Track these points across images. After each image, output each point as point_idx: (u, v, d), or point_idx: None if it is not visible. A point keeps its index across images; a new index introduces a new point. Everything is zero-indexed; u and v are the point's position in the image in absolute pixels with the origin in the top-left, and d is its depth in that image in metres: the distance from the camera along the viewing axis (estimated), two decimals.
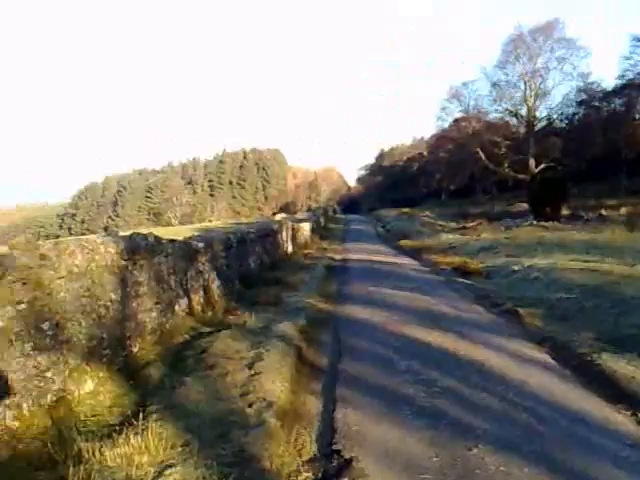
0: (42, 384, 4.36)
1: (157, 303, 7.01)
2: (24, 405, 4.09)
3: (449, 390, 5.39)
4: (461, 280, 13.33)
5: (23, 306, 4.19)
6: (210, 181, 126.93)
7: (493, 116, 48.88)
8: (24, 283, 4.25)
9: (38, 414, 4.17)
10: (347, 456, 4.09)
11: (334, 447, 4.26)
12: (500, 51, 47.93)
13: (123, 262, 6.14)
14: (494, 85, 47.22)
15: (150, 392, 5.15)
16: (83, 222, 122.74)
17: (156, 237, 7.28)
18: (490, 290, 11.50)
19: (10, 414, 3.92)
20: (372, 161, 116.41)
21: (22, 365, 4.14)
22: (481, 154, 45.67)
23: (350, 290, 12.09)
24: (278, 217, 32.63)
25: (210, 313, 8.71)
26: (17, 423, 3.96)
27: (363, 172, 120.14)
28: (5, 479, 3.45)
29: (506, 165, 45.56)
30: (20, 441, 3.84)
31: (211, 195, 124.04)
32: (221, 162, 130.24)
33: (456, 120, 51.11)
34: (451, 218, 41.80)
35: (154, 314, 6.89)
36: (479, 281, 13.06)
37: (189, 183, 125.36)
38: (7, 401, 3.93)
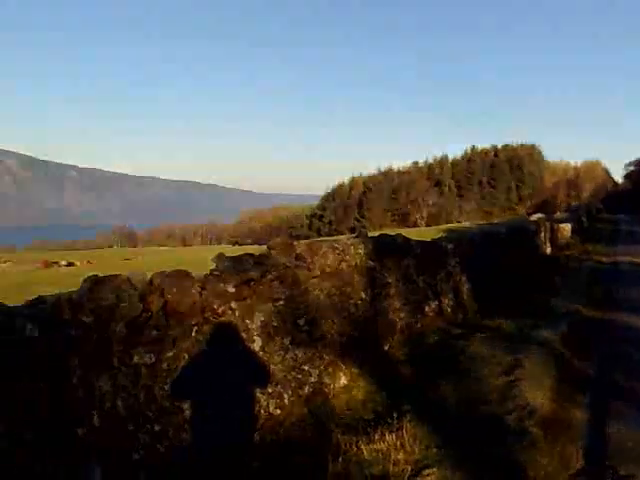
0: (300, 376, 4.66)
1: (406, 304, 7.02)
2: (284, 395, 4.41)
3: None
4: None
5: (281, 303, 4.54)
6: (457, 181, 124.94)
7: None
8: (282, 281, 4.60)
9: (296, 404, 4.47)
10: (623, 473, 3.70)
11: (607, 462, 3.89)
12: None
13: (371, 263, 6.28)
14: None
15: (401, 391, 5.14)
16: (330, 223, 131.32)
17: (404, 238, 7.30)
18: None
19: (273, 402, 4.27)
20: None
21: (282, 358, 4.48)
22: None
23: (619, 296, 10.78)
24: (534, 217, 30.66)
25: (460, 315, 8.47)
26: (279, 411, 4.28)
27: (632, 167, 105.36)
28: (269, 460, 3.73)
29: None
30: (281, 427, 4.14)
31: (459, 196, 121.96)
32: (470, 161, 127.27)
33: None
34: None
35: (403, 314, 6.91)
36: None
37: (436, 185, 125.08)
38: (270, 389, 4.27)
